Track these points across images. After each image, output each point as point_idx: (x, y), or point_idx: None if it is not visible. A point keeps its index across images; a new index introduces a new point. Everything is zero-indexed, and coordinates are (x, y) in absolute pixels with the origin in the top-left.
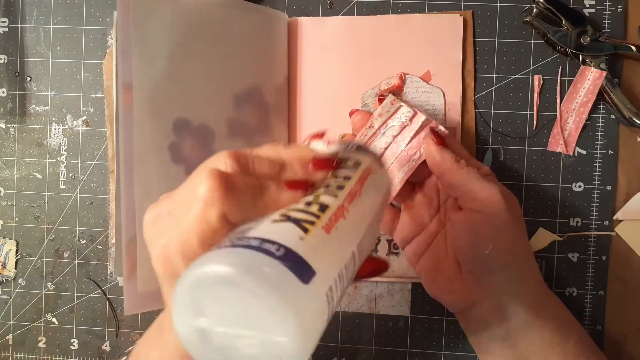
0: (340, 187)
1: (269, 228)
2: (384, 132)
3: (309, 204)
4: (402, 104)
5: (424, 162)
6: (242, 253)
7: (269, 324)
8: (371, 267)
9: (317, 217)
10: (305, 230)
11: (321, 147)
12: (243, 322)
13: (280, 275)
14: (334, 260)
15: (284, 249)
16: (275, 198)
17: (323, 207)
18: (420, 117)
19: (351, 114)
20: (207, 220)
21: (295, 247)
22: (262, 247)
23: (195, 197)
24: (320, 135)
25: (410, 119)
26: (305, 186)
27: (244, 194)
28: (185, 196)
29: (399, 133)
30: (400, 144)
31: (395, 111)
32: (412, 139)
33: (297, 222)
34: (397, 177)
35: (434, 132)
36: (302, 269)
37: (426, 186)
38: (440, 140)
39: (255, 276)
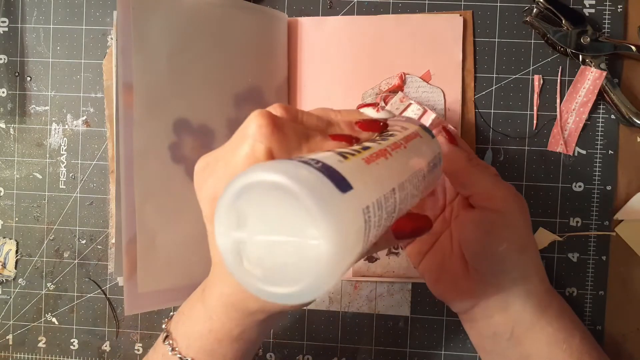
0: (385, 140)
1: (310, 155)
2: None
3: (352, 147)
4: (412, 101)
5: None
6: (282, 163)
7: (305, 226)
8: (415, 222)
9: (359, 152)
10: (345, 157)
11: (370, 112)
12: (280, 230)
13: (317, 179)
14: (372, 185)
15: (322, 163)
16: (320, 145)
17: (365, 147)
18: (431, 115)
19: (359, 108)
20: (255, 156)
21: (333, 164)
22: (302, 160)
23: (245, 135)
24: (372, 104)
25: (420, 117)
26: (349, 139)
27: (290, 135)
28: (235, 139)
29: None
30: None
31: (405, 109)
32: None
33: (338, 152)
34: None
35: (446, 130)
36: (338, 180)
37: None
38: (452, 138)
39: (293, 177)
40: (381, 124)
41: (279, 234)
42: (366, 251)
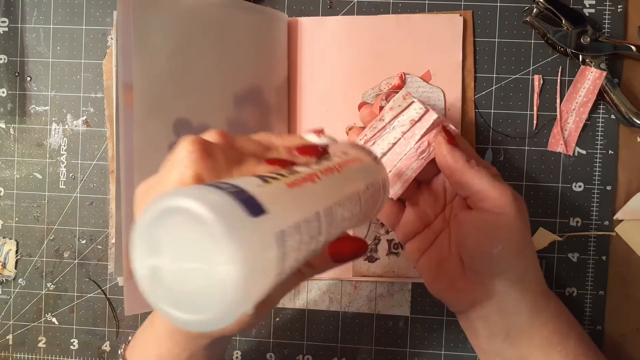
0: (319, 164)
1: (230, 179)
2: (393, 127)
3: (281, 171)
4: (415, 99)
5: (432, 159)
6: (194, 188)
7: (213, 252)
8: (350, 246)
9: (284, 176)
10: (266, 182)
11: (312, 138)
12: (192, 256)
13: (225, 203)
14: (292, 210)
15: (236, 187)
16: (253, 169)
17: (293, 172)
18: (432, 115)
19: (360, 107)
20: (183, 181)
21: (248, 188)
22: (216, 184)
23: (174, 161)
24: (316, 131)
25: (421, 116)
26: (283, 163)
27: (221, 161)
28: (166, 165)
29: (408, 129)
30: (409, 141)
31: (407, 107)
32: (422, 136)
33: (260, 176)
34: (405, 175)
35: (445, 130)
36: (250, 204)
37: (433, 184)
38: (451, 138)
39: (202, 203)
40: (320, 149)
41: (190, 260)
42: (293, 275)
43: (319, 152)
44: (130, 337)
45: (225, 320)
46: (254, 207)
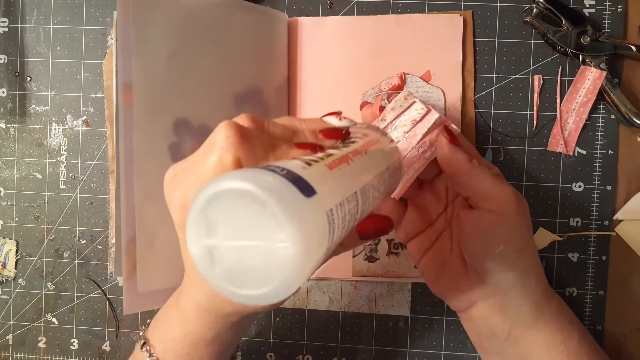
0: (347, 147)
1: (277, 163)
2: (395, 127)
3: (316, 154)
4: (416, 99)
5: (434, 159)
6: (249, 171)
7: (272, 231)
8: (377, 223)
9: (322, 158)
10: (309, 164)
11: (333, 121)
12: (249, 235)
13: (281, 184)
14: (336, 190)
15: (287, 170)
16: (286, 153)
17: (328, 154)
18: (434, 115)
19: (362, 107)
20: (223, 165)
21: (297, 171)
22: (268, 167)
23: (213, 145)
24: (335, 113)
25: (423, 116)
26: (313, 147)
27: (257, 145)
28: (204, 148)
29: (410, 129)
30: (411, 140)
31: (409, 107)
32: (424, 136)
33: (303, 160)
34: (407, 175)
35: (447, 130)
36: (302, 185)
37: (435, 183)
38: (453, 138)
39: (259, 184)
40: (343, 132)
41: (248, 239)
42: (332, 251)
43: (342, 135)
44: (142, 327)
45: (285, 293)
46: (306, 188)
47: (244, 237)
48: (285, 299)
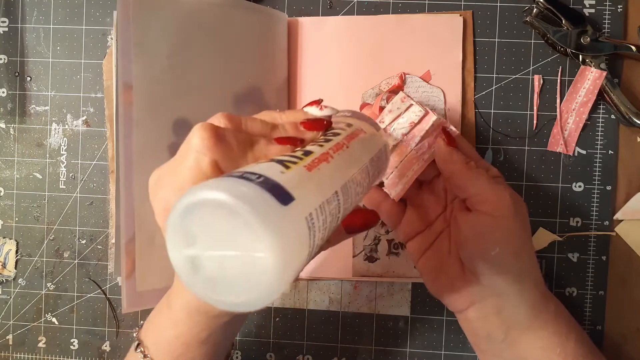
0: (328, 141)
1: (253, 166)
2: (393, 129)
3: (295, 152)
4: (413, 102)
5: (433, 160)
6: (224, 181)
7: (250, 241)
8: (363, 218)
9: (300, 159)
10: (287, 167)
11: (314, 111)
12: (228, 245)
13: (257, 194)
14: (315, 192)
15: (263, 177)
16: (265, 151)
17: (307, 153)
18: (432, 117)
19: (361, 108)
20: (200, 168)
21: (273, 177)
22: (243, 176)
23: (189, 148)
24: (316, 102)
25: (421, 118)
26: (293, 141)
27: (234, 145)
28: (181, 151)
29: (408, 132)
30: (410, 143)
31: (406, 109)
32: (422, 138)
33: (279, 161)
34: (406, 177)
35: (445, 132)
36: (279, 193)
37: (434, 184)
38: (451, 140)
39: (235, 195)
40: (325, 122)
41: (227, 249)
42: (315, 252)
43: (324, 126)
44: (135, 329)
45: (267, 300)
46: (283, 196)
47: (223, 247)
48: (268, 305)
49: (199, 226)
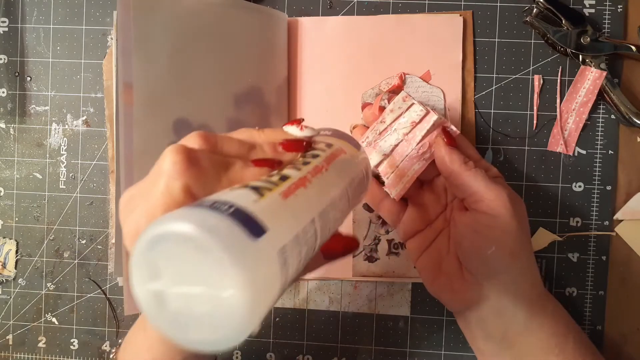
0: (306, 163)
1: (225, 194)
2: (394, 129)
3: (271, 176)
4: (415, 101)
5: (434, 160)
6: (192, 211)
7: (217, 278)
8: (343, 244)
9: (276, 184)
10: (261, 195)
11: (294, 131)
12: (195, 281)
13: (227, 228)
14: (290, 222)
15: (234, 208)
16: (240, 174)
17: (284, 177)
18: (433, 117)
19: (363, 107)
20: (171, 193)
21: (246, 206)
22: (213, 206)
23: (160, 172)
24: (296, 122)
25: (422, 118)
26: (271, 164)
27: (207, 168)
28: (153, 174)
29: (409, 131)
30: (411, 142)
31: (407, 109)
32: (423, 137)
33: (254, 188)
34: (407, 176)
35: (445, 131)
36: (251, 225)
37: (435, 184)
38: (451, 140)
39: (203, 228)
40: (304, 143)
41: (193, 284)
42: (289, 284)
43: (304, 147)
44: (114, 348)
45: (234, 340)
46: (254, 228)
47: (190, 282)
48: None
49: (165, 259)
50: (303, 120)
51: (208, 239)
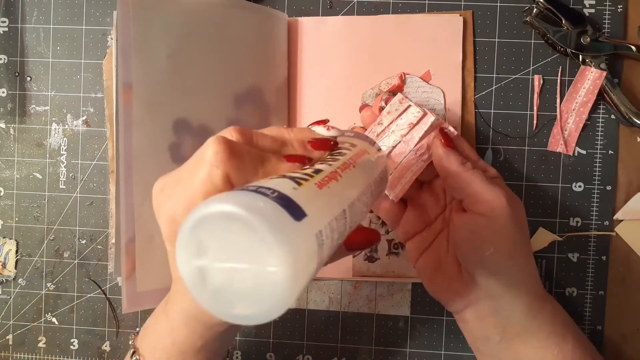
0: (336, 160)
1: (266, 181)
2: (392, 130)
3: (304, 169)
4: (411, 103)
5: (432, 161)
6: (239, 194)
7: (262, 255)
8: (365, 237)
9: (311, 176)
10: (299, 184)
11: (321, 130)
12: (239, 257)
13: (273, 209)
14: (325, 210)
15: (277, 192)
16: (276, 167)
17: (317, 171)
18: (430, 118)
19: (361, 109)
20: (212, 181)
21: (288, 193)
22: (258, 190)
23: (202, 160)
24: (322, 122)
25: (419, 119)
26: (302, 160)
27: (246, 160)
28: (192, 163)
29: (407, 133)
30: (409, 144)
31: (405, 110)
32: (421, 139)
33: (292, 178)
34: (406, 178)
35: (443, 133)
36: (293, 208)
37: (434, 185)
38: (448, 141)
39: (250, 209)
40: (332, 142)
41: (238, 261)
42: (319, 268)
43: (331, 146)
44: (132, 334)
45: (275, 314)
46: (296, 212)
47: (234, 259)
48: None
49: (210, 238)
50: (328, 121)
51: (256, 219)
